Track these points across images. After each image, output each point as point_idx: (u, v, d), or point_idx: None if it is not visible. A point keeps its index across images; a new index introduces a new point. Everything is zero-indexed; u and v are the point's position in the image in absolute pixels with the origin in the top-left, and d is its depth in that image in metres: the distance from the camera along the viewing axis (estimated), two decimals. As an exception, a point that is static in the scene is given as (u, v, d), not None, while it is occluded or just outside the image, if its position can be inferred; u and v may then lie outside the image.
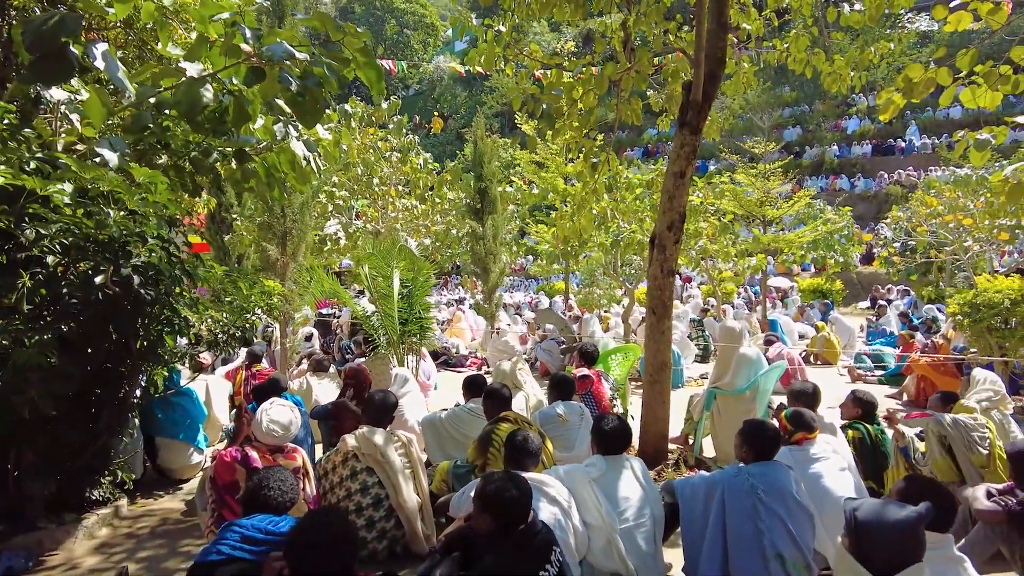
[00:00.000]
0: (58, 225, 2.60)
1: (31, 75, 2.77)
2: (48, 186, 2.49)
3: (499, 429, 3.81)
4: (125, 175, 2.59)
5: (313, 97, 3.41)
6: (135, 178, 2.52)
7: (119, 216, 2.47)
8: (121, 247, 2.64)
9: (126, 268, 2.66)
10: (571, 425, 4.25)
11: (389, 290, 6.65)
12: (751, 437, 2.90)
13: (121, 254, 2.61)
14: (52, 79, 3.03)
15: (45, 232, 2.61)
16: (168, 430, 4.66)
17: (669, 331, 5.09)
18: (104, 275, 2.72)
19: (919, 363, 7.46)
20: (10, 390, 2.82)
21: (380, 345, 6.56)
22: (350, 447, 3.41)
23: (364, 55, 3.42)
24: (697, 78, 4.75)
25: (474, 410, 4.61)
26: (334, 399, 5.90)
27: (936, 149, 26.81)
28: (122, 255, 2.61)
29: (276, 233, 8.06)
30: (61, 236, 2.63)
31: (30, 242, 2.69)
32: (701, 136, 4.92)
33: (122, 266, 2.64)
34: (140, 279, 2.69)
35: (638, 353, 6.20)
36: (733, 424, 5.28)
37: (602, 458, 3.14)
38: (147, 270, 2.71)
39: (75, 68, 2.73)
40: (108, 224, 2.41)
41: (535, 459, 2.97)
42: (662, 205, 4.99)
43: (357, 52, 3.39)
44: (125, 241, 2.63)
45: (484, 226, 11.39)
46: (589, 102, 5.87)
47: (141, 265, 2.70)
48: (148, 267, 2.71)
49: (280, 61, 3.09)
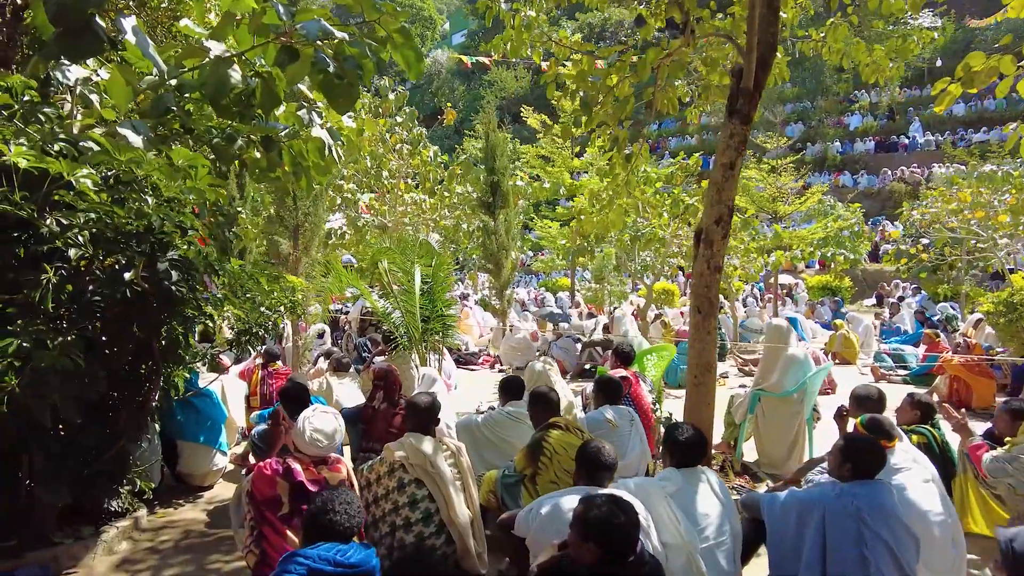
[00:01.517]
0: (87, 214, 2.33)
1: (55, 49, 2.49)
2: (75, 170, 2.21)
3: (550, 436, 3.57)
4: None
5: (350, 81, 3.12)
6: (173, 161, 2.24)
7: (155, 204, 2.19)
8: (158, 239, 2.36)
9: (163, 263, 2.38)
10: (621, 431, 4.01)
11: (410, 286, 6.37)
12: (854, 453, 2.64)
13: (158, 247, 2.32)
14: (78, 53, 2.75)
15: (71, 222, 2.33)
16: (189, 433, 4.39)
17: (715, 330, 4.85)
18: (134, 270, 2.44)
19: (952, 363, 7.26)
20: (29, 395, 2.54)
21: (401, 344, 6.28)
22: (397, 457, 3.15)
23: (402, 35, 3.15)
24: (748, 64, 4.49)
25: (514, 414, 4.36)
26: (362, 401, 5.65)
27: (940, 146, 26.74)
28: (159, 248, 2.32)
29: (287, 226, 7.78)
30: (88, 227, 2.35)
31: (54, 234, 2.41)
32: (751, 126, 4.67)
33: (159, 260, 2.36)
34: (178, 275, 2.41)
35: (673, 352, 5.96)
36: (779, 428, 5.08)
37: (677, 471, 2.89)
38: (184, 265, 2.43)
39: (103, 42, 2.46)
40: (146, 213, 2.13)
41: (611, 473, 2.72)
42: (709, 198, 4.73)
43: (395, 32, 3.12)
44: (162, 232, 2.35)
45: (496, 221, 11.10)
46: (624, 90, 5.61)
47: (179, 260, 2.42)
48: (184, 262, 2.43)
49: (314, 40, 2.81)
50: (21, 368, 2.46)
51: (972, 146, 25.22)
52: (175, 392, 4.01)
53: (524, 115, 18.93)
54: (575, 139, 18.37)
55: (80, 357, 2.52)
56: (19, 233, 2.53)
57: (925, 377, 8.68)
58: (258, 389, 5.82)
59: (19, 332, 2.44)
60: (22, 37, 5.21)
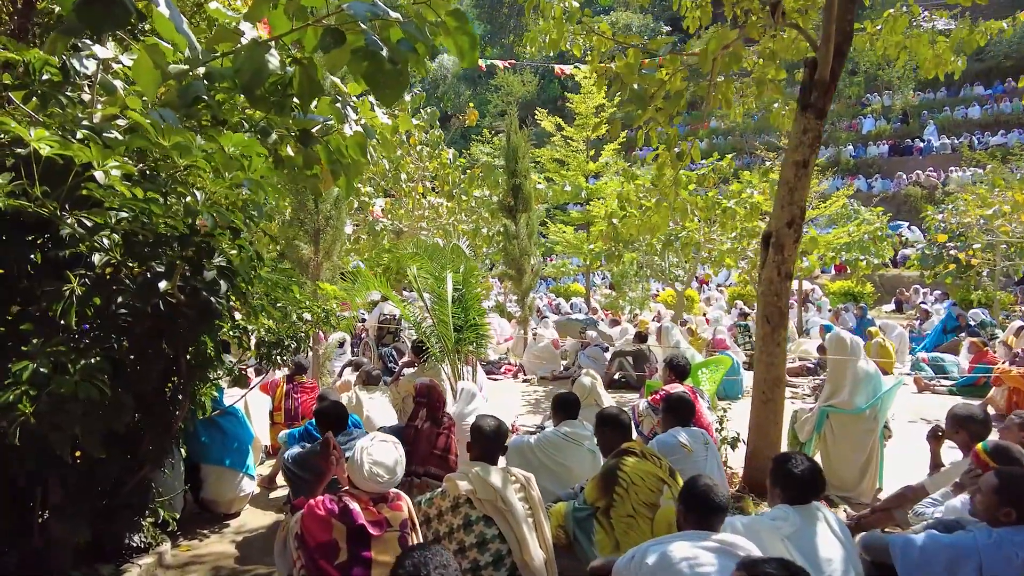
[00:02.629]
0: (117, 213, 1.95)
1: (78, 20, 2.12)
2: (106, 159, 1.84)
3: (625, 464, 3.18)
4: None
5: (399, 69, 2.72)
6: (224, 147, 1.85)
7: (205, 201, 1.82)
8: (204, 242, 1.98)
9: (210, 270, 2.00)
10: (696, 456, 3.61)
11: (442, 292, 6.00)
12: (1018, 496, 2.24)
13: (204, 251, 1.95)
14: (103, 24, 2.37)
15: (99, 222, 1.96)
16: (214, 456, 4.00)
17: (784, 342, 4.47)
18: (171, 279, 2.07)
19: (1011, 374, 6.85)
20: (47, 426, 2.16)
21: (433, 354, 5.90)
22: (463, 491, 2.76)
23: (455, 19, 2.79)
24: (825, 54, 4.13)
25: (571, 435, 3.98)
26: (393, 416, 5.27)
27: (956, 149, 26.33)
28: (204, 252, 1.95)
29: (307, 230, 7.41)
30: (119, 228, 1.98)
31: (78, 236, 2.04)
32: (825, 121, 4.30)
33: (205, 267, 1.99)
34: (226, 284, 2.03)
35: (728, 365, 5.56)
36: (850, 447, 4.67)
37: (791, 509, 2.50)
38: (232, 273, 2.05)
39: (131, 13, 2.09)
40: (194, 211, 1.76)
41: (724, 515, 2.33)
42: (780, 199, 4.36)
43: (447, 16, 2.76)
44: (208, 235, 1.98)
45: (518, 224, 10.73)
46: (676, 84, 5.24)
47: (227, 267, 2.05)
48: (231, 269, 2.05)
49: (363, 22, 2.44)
50: (37, 396, 2.08)
51: (990, 149, 24.88)
52: (201, 412, 3.62)
53: (538, 118, 18.54)
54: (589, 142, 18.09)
55: (105, 383, 2.15)
56: (36, 236, 2.16)
57: (973, 388, 8.28)
58: (282, 404, 5.44)
59: (35, 353, 2.07)
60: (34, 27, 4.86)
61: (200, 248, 1.95)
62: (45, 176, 1.95)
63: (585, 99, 16.96)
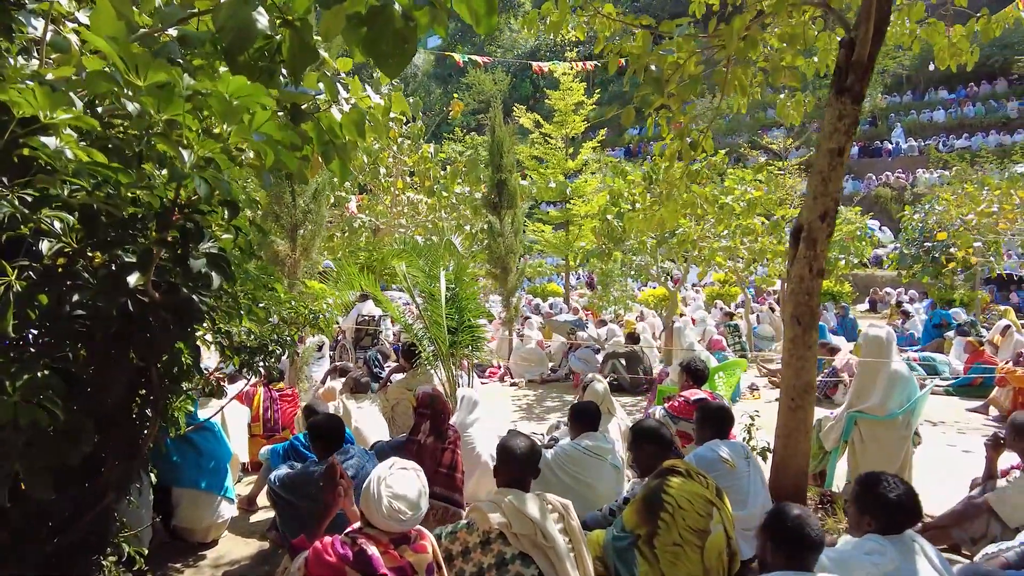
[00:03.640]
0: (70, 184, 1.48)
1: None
2: (56, 108, 1.37)
3: (670, 485, 2.80)
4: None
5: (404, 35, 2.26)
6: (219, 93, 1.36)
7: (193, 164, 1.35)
8: (192, 221, 1.50)
9: (197, 257, 1.53)
10: (739, 472, 3.25)
11: (436, 292, 5.55)
12: None
13: (191, 234, 1.47)
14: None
15: (55, 194, 1.48)
16: (188, 477, 3.49)
17: (815, 345, 4.14)
18: (145, 271, 1.60)
19: (1017, 375, 6.72)
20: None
21: (426, 358, 5.44)
22: (495, 524, 2.33)
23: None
24: (864, 33, 3.82)
25: (592, 449, 3.59)
26: (384, 428, 4.81)
27: (923, 151, 26.90)
28: (192, 236, 1.47)
29: (284, 225, 6.87)
30: (74, 203, 1.50)
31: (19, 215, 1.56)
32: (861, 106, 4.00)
33: (192, 254, 1.51)
34: (220, 277, 1.55)
35: (744, 368, 5.24)
36: (882, 456, 4.37)
37: (886, 540, 2.15)
38: (227, 263, 1.57)
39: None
40: (183, 175, 1.29)
41: (819, 553, 1.95)
42: (813, 189, 4.04)
43: None
44: (195, 211, 1.50)
45: (502, 221, 10.32)
46: (690, 69, 4.90)
47: (219, 254, 1.57)
48: (224, 258, 1.57)
49: None
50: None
51: (954, 152, 25.46)
52: (174, 429, 3.11)
53: (516, 114, 18.14)
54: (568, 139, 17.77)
55: (56, 403, 1.67)
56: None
57: (970, 388, 8.18)
58: (260, 415, 4.92)
59: None
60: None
61: (186, 230, 1.48)
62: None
63: (564, 96, 16.65)
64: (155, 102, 1.37)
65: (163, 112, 1.38)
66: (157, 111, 1.39)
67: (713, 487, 2.89)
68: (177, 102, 1.36)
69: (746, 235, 8.79)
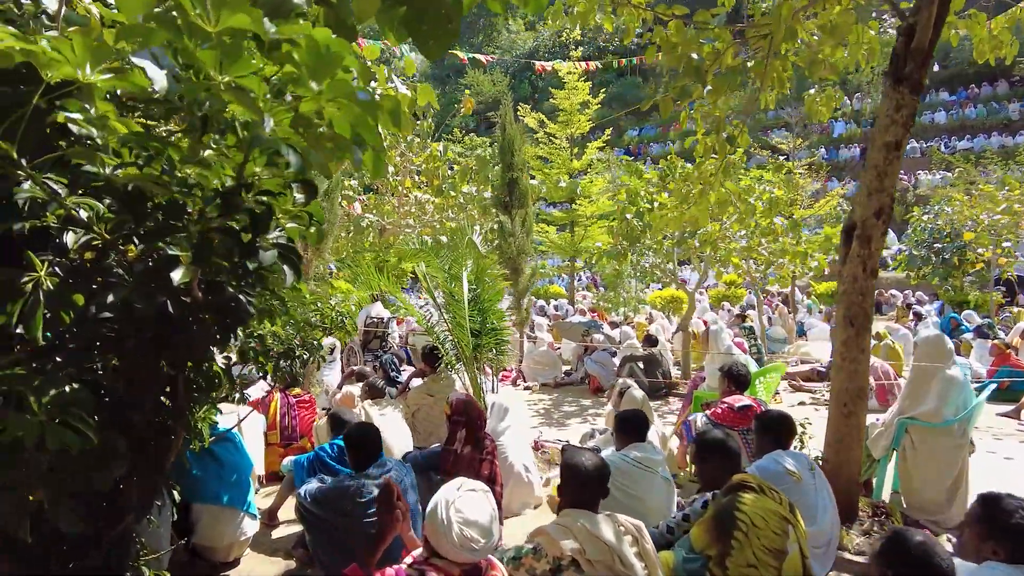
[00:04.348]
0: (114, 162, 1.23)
1: None
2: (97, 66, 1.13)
3: (743, 502, 2.58)
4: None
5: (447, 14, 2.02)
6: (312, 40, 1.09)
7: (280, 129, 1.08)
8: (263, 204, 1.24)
9: (267, 248, 1.28)
10: (805, 485, 3.03)
11: (459, 293, 5.30)
12: None
13: (258, 220, 1.22)
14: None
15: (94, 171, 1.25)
16: (210, 492, 3.24)
17: (869, 348, 3.93)
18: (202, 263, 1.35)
19: (1050, 378, 6.53)
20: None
21: (448, 362, 5.20)
22: (567, 551, 2.10)
23: None
24: (926, 18, 3.61)
25: (642, 461, 3.35)
26: (408, 436, 4.56)
27: (925, 153, 26.85)
28: (262, 221, 1.22)
29: (295, 223, 6.61)
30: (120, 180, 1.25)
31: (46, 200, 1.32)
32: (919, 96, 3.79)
33: (259, 246, 1.26)
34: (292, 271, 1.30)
35: (782, 371, 5.02)
36: (936, 465, 4.15)
37: (1017, 571, 1.92)
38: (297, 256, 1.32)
39: None
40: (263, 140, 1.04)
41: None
42: (867, 186, 3.83)
43: None
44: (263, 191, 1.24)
45: (514, 221, 10.09)
46: (728, 60, 4.69)
47: (289, 245, 1.32)
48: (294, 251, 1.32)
49: None
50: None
51: (956, 153, 25.41)
52: (197, 442, 2.87)
53: (521, 114, 17.92)
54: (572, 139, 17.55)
55: (89, 424, 1.43)
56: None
57: (997, 391, 7.98)
58: (277, 422, 4.67)
59: None
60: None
61: (256, 215, 1.23)
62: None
63: (569, 95, 16.44)
64: (216, 58, 1.13)
65: (227, 71, 1.14)
66: (219, 69, 1.15)
67: (786, 503, 2.67)
68: (245, 58, 1.12)
69: (765, 235, 8.58)
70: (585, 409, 7.57)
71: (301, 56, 1.08)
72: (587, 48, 36.09)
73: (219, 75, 1.16)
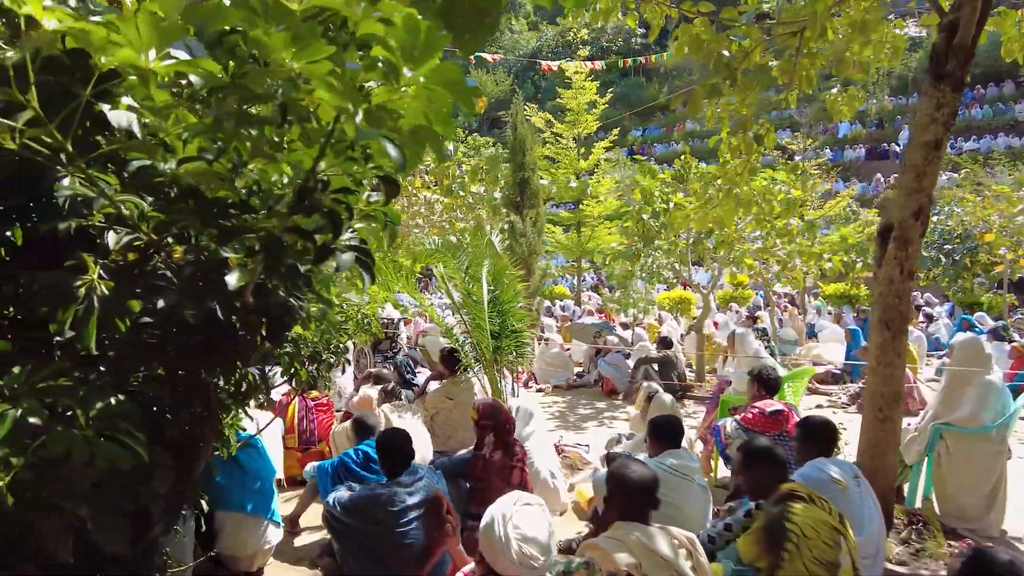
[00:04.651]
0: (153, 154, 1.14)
1: None
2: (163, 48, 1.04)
3: (793, 512, 2.48)
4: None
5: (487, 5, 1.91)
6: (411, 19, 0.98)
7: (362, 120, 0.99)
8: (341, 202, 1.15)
9: (344, 251, 1.18)
10: (851, 495, 2.93)
11: (478, 294, 5.21)
12: None
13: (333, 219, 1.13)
14: None
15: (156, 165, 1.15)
16: (233, 500, 3.15)
17: (906, 351, 3.85)
18: (245, 272, 1.26)
19: (1075, 382, 6.44)
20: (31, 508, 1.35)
21: (467, 364, 5.11)
22: (623, 566, 2.00)
23: None
24: (970, 14, 3.52)
25: (678, 468, 3.26)
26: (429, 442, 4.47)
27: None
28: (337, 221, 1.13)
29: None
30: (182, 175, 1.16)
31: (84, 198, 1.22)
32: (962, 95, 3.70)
33: (334, 248, 1.16)
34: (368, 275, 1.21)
35: (811, 374, 4.93)
36: (973, 471, 4.06)
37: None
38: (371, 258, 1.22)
39: None
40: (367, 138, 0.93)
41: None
42: (905, 186, 3.73)
43: None
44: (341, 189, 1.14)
45: (525, 221, 10.01)
46: (757, 58, 4.60)
47: (364, 247, 1.22)
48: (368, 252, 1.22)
49: None
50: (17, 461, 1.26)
51: (962, 154, 25.31)
52: (224, 449, 2.78)
53: (528, 113, 17.82)
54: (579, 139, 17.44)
55: (137, 438, 1.33)
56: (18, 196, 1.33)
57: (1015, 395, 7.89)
58: (296, 426, 4.58)
59: (19, 392, 1.25)
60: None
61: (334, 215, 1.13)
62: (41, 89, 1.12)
63: (576, 94, 16.34)
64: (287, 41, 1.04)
65: (301, 57, 1.05)
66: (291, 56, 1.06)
67: (836, 514, 2.58)
68: (319, 43, 1.03)
69: (781, 236, 8.49)
70: (601, 412, 7.48)
71: (398, 37, 0.98)
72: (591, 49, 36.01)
73: (293, 61, 1.06)
